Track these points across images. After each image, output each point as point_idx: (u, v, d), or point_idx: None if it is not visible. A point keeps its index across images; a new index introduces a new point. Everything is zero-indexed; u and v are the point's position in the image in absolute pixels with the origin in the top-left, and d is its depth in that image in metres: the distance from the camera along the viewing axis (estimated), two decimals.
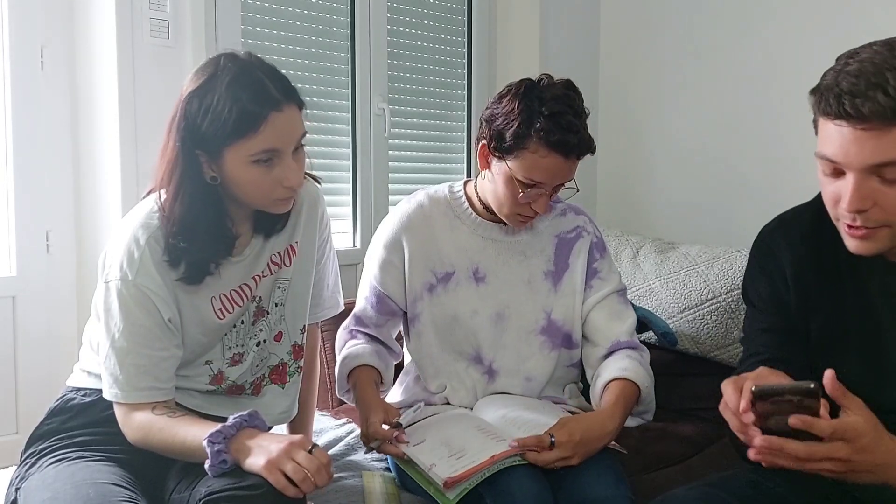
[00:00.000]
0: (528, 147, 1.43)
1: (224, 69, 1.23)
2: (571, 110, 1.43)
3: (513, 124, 1.43)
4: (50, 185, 2.00)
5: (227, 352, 1.38)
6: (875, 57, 1.00)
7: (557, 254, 1.62)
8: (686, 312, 2.14)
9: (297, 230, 1.44)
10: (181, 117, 1.23)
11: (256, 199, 1.29)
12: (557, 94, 1.44)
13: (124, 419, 1.27)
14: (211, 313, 1.33)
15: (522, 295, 1.59)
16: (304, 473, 1.11)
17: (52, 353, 1.98)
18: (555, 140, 1.41)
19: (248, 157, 1.23)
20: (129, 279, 1.25)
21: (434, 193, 1.65)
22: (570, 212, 1.67)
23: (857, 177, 1.02)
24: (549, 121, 1.41)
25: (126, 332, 1.25)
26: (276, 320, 1.43)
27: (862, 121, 0.98)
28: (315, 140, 2.39)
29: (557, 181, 1.47)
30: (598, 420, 1.42)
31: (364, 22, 2.47)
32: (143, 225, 1.28)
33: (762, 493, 1.18)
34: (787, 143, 2.43)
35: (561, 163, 1.44)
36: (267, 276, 1.40)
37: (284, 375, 1.47)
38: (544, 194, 1.47)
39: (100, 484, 1.18)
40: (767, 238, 1.29)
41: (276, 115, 1.22)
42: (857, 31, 2.25)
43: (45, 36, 1.96)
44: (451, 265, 1.59)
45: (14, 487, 1.27)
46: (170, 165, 1.25)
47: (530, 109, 1.43)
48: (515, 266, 1.60)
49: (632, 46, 2.84)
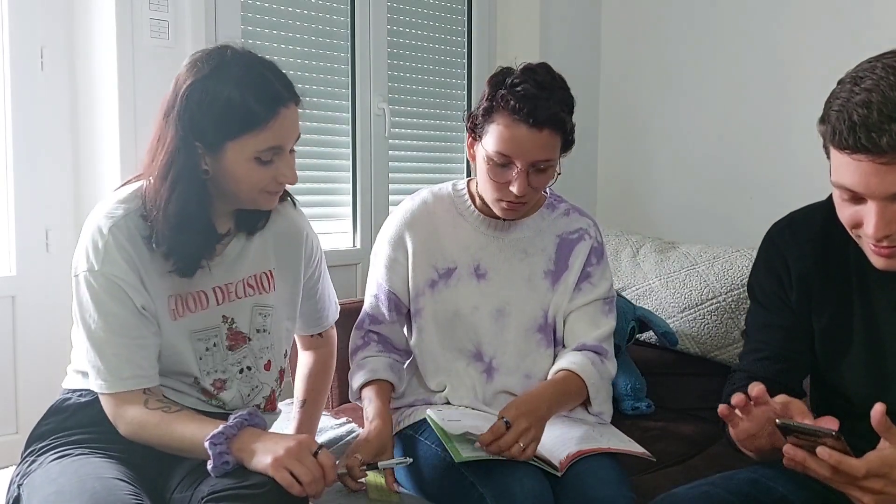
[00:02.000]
0: (494, 119, 1.46)
1: (231, 62, 1.22)
2: (534, 81, 1.44)
3: (482, 102, 1.48)
4: (50, 185, 2.00)
5: (207, 377, 1.35)
6: (881, 84, 0.98)
7: (558, 254, 1.62)
8: (686, 312, 2.14)
9: (273, 258, 1.41)
10: (182, 107, 1.21)
11: (246, 194, 1.27)
12: (526, 68, 1.47)
13: (115, 412, 1.25)
14: (165, 309, 1.30)
15: (523, 292, 1.59)
16: (313, 476, 1.11)
17: (51, 353, 1.98)
18: (512, 106, 1.42)
19: (253, 154, 1.22)
20: (95, 269, 1.23)
21: (438, 191, 1.66)
22: (574, 212, 1.66)
23: (880, 205, 1.01)
24: (510, 90, 1.44)
25: (101, 323, 1.24)
26: (262, 348, 1.40)
27: (881, 154, 0.97)
28: (315, 140, 2.39)
29: (528, 156, 1.44)
30: (534, 392, 1.47)
31: (364, 22, 2.47)
32: (106, 215, 1.26)
33: (762, 493, 1.18)
34: (787, 143, 2.43)
35: (525, 133, 1.42)
36: (241, 297, 1.37)
37: (275, 403, 1.46)
38: (520, 173, 1.45)
39: (104, 478, 1.18)
40: (776, 236, 1.29)
41: (284, 111, 1.22)
42: (857, 31, 2.26)
43: (45, 36, 1.96)
44: (452, 261, 1.60)
45: (17, 484, 1.26)
46: (168, 157, 1.22)
47: (497, 85, 1.47)
48: (517, 263, 1.60)
49: (632, 46, 2.84)
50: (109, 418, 1.26)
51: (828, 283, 1.21)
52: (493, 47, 2.84)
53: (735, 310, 2.07)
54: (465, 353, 1.60)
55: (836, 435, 0.94)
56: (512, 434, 1.32)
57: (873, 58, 1.03)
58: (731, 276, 2.10)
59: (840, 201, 1.08)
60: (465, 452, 1.32)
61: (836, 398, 1.24)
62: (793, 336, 1.25)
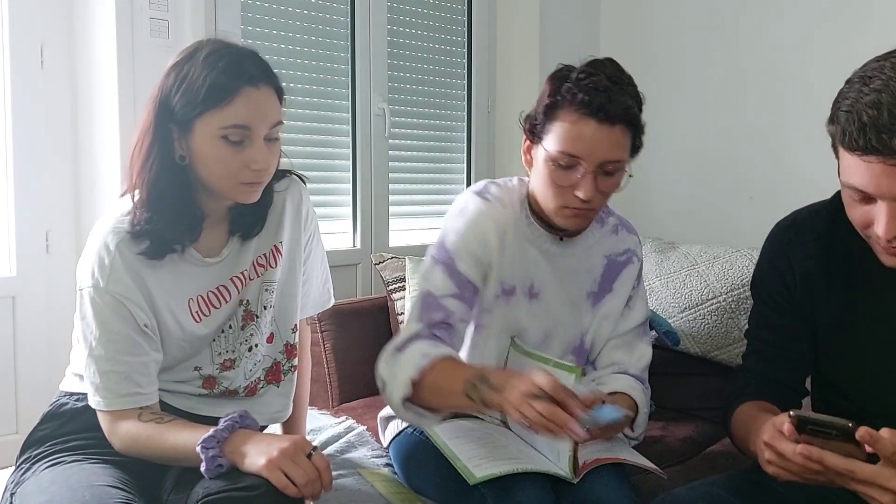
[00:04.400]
0: (558, 117, 1.32)
1: (205, 46, 1.23)
2: (603, 74, 1.31)
3: (543, 101, 1.35)
4: (50, 185, 2.00)
5: (217, 357, 1.36)
6: (890, 84, 0.97)
7: (604, 276, 1.51)
8: (686, 312, 2.14)
9: (282, 231, 1.42)
10: (157, 92, 1.23)
11: (222, 181, 1.25)
12: (593, 61, 1.35)
13: (110, 428, 1.25)
14: (188, 316, 1.31)
15: (567, 315, 1.50)
16: (308, 477, 1.11)
17: (51, 353, 1.98)
18: (581, 99, 1.28)
19: (219, 130, 1.20)
20: (100, 286, 1.23)
21: (510, 195, 1.46)
22: (622, 230, 1.55)
23: (892, 205, 1.01)
24: (577, 83, 1.30)
25: (103, 340, 1.24)
26: (267, 323, 1.42)
27: (892, 156, 0.97)
28: (315, 140, 2.39)
29: (596, 155, 1.30)
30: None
31: (364, 22, 2.47)
32: (112, 230, 1.25)
33: (763, 493, 1.18)
34: (787, 143, 2.43)
35: (594, 129, 1.28)
36: (253, 278, 1.39)
37: (279, 374, 1.46)
38: (586, 174, 1.31)
39: (96, 486, 1.17)
40: (780, 235, 1.28)
41: (250, 89, 1.20)
42: (857, 31, 2.26)
43: (45, 34, 1.96)
44: (513, 278, 1.45)
45: (10, 492, 1.26)
46: (141, 136, 1.23)
47: (561, 79, 1.34)
48: (567, 284, 1.49)
49: (632, 46, 2.84)
50: (105, 434, 1.27)
51: (832, 281, 1.21)
52: (494, 47, 2.84)
53: (735, 310, 2.07)
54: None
55: (852, 429, 0.94)
56: None
57: (881, 56, 1.02)
58: (731, 276, 2.10)
59: (850, 202, 1.07)
60: (479, 472, 1.27)
61: (837, 397, 1.24)
62: (796, 336, 1.25)
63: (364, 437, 1.75)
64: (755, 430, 1.10)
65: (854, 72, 1.04)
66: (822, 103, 1.10)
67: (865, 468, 0.94)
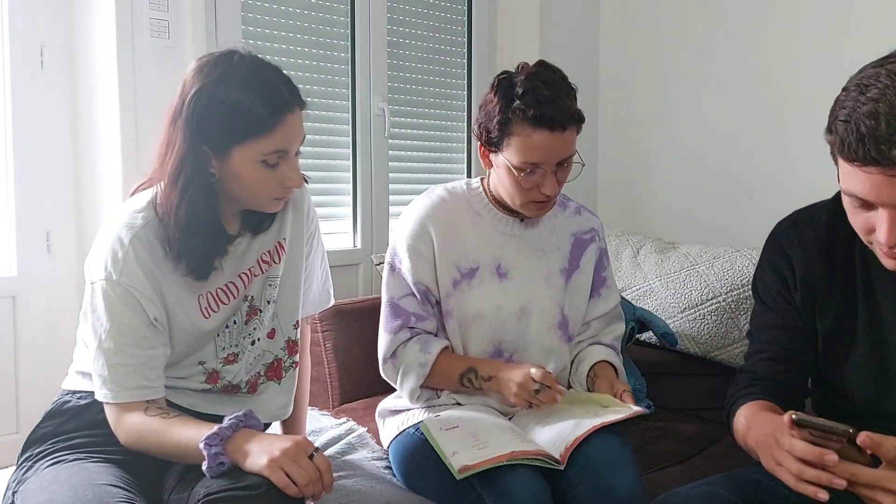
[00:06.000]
0: (513, 131, 1.46)
1: (237, 67, 1.23)
2: (543, 83, 1.45)
3: (495, 115, 1.48)
4: (50, 185, 2.00)
5: (221, 352, 1.38)
6: (887, 93, 0.96)
7: (573, 252, 1.65)
8: (686, 312, 2.14)
9: (285, 227, 1.44)
10: (190, 112, 1.22)
11: (254, 198, 1.30)
12: (529, 72, 1.48)
13: (116, 421, 1.26)
14: (197, 312, 1.33)
15: (542, 290, 1.61)
16: (309, 477, 1.11)
17: (52, 353, 1.98)
18: (532, 115, 1.43)
19: (259, 157, 1.24)
20: (113, 279, 1.24)
21: (452, 189, 1.65)
22: (584, 211, 1.72)
23: (892, 213, 1.00)
24: (523, 98, 1.44)
25: (113, 333, 1.25)
26: (269, 318, 1.43)
27: (891, 166, 0.96)
28: (315, 140, 2.39)
29: (554, 158, 1.47)
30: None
31: (364, 22, 2.47)
32: (126, 225, 1.27)
33: (764, 493, 1.18)
34: (788, 143, 2.43)
35: (548, 137, 1.44)
36: (258, 274, 1.41)
37: (280, 371, 1.47)
38: (547, 174, 1.48)
39: (97, 485, 1.18)
40: (780, 235, 1.28)
41: (289, 117, 1.24)
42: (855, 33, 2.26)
43: (45, 35, 1.96)
44: (474, 260, 1.59)
45: (11, 491, 1.26)
46: (177, 162, 1.24)
47: (507, 96, 1.47)
48: (535, 261, 1.62)
49: (632, 46, 2.84)
50: (111, 427, 1.27)
51: (832, 283, 1.21)
52: (493, 47, 2.84)
53: (735, 310, 2.07)
54: (483, 354, 1.59)
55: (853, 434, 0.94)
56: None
57: (876, 62, 1.01)
58: (731, 277, 2.10)
59: (851, 208, 1.07)
60: (463, 460, 1.33)
61: (838, 399, 1.24)
62: (797, 336, 1.25)
63: (364, 439, 1.75)
64: (757, 429, 1.10)
65: (850, 78, 1.03)
66: (823, 103, 1.10)
67: (868, 472, 0.94)
